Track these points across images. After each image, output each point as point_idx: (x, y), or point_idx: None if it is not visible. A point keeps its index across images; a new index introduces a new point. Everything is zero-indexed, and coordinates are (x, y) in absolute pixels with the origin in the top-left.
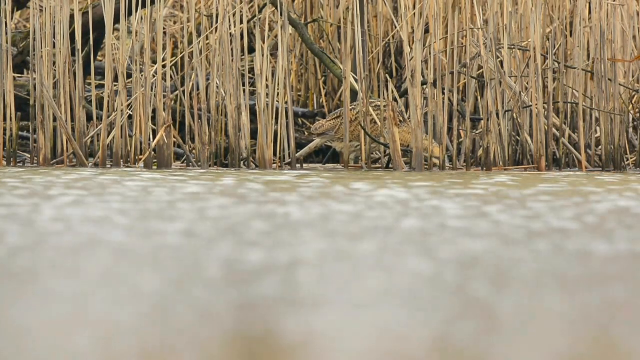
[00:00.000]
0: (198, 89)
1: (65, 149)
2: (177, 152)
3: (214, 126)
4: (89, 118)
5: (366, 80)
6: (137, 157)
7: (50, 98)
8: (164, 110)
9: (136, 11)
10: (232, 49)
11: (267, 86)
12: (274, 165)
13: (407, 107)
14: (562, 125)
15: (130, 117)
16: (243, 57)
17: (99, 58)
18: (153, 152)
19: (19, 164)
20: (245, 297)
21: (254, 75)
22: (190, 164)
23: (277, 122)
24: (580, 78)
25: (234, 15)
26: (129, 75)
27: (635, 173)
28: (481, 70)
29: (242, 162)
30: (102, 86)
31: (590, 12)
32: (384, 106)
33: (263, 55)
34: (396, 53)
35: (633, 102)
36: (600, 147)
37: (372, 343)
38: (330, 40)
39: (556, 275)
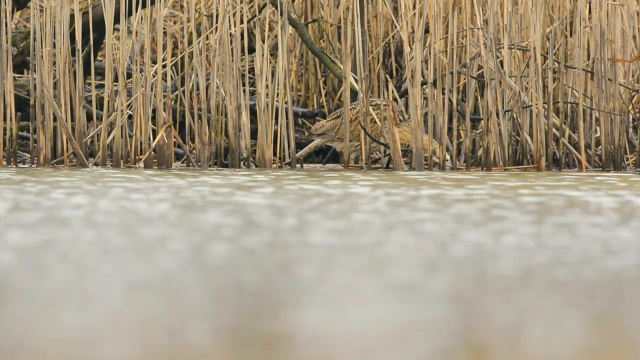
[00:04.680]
0: (198, 89)
1: (65, 149)
2: (177, 152)
3: (214, 126)
4: (89, 118)
5: (366, 80)
6: (137, 157)
7: (50, 98)
8: (164, 110)
9: (136, 11)
10: (232, 49)
11: (267, 86)
12: (274, 165)
13: (407, 107)
14: (562, 125)
15: (130, 117)
16: (243, 57)
17: (99, 58)
18: (153, 152)
19: (19, 164)
20: None
21: (254, 75)
22: (190, 164)
23: (277, 122)
24: (580, 78)
25: (234, 15)
26: (129, 75)
27: (636, 173)
28: (481, 70)
29: (242, 162)
30: (102, 86)
31: (590, 12)
32: (384, 105)
33: (263, 55)
34: (396, 53)
35: (633, 102)
36: (600, 147)
37: None
38: (330, 40)
39: None
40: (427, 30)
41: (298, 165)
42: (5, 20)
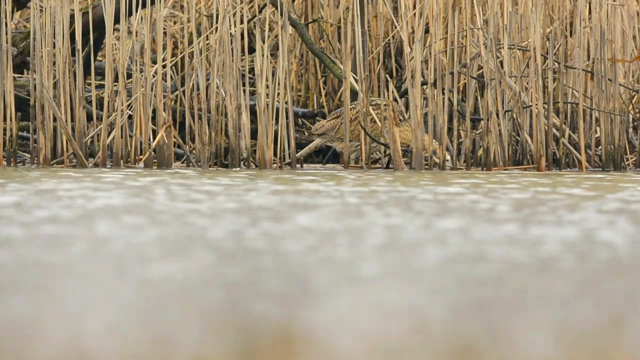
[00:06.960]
0: (198, 89)
1: (65, 149)
2: (177, 152)
3: (214, 126)
4: (89, 118)
5: (366, 80)
6: (137, 157)
7: (50, 98)
8: (164, 110)
9: (136, 11)
10: (232, 49)
11: (267, 86)
12: (274, 165)
13: (407, 107)
14: (562, 125)
15: (130, 117)
16: (243, 57)
17: (99, 58)
18: (153, 152)
19: (19, 164)
20: None
21: (254, 75)
22: (190, 164)
23: (277, 122)
24: (580, 78)
25: (234, 15)
26: (129, 75)
27: (636, 173)
28: (481, 70)
29: (242, 162)
30: (102, 86)
31: (590, 12)
32: (384, 105)
33: (263, 55)
34: (396, 53)
35: (633, 102)
36: (600, 147)
37: None
38: (330, 40)
39: None
40: (427, 31)
41: (298, 166)
42: (5, 20)
